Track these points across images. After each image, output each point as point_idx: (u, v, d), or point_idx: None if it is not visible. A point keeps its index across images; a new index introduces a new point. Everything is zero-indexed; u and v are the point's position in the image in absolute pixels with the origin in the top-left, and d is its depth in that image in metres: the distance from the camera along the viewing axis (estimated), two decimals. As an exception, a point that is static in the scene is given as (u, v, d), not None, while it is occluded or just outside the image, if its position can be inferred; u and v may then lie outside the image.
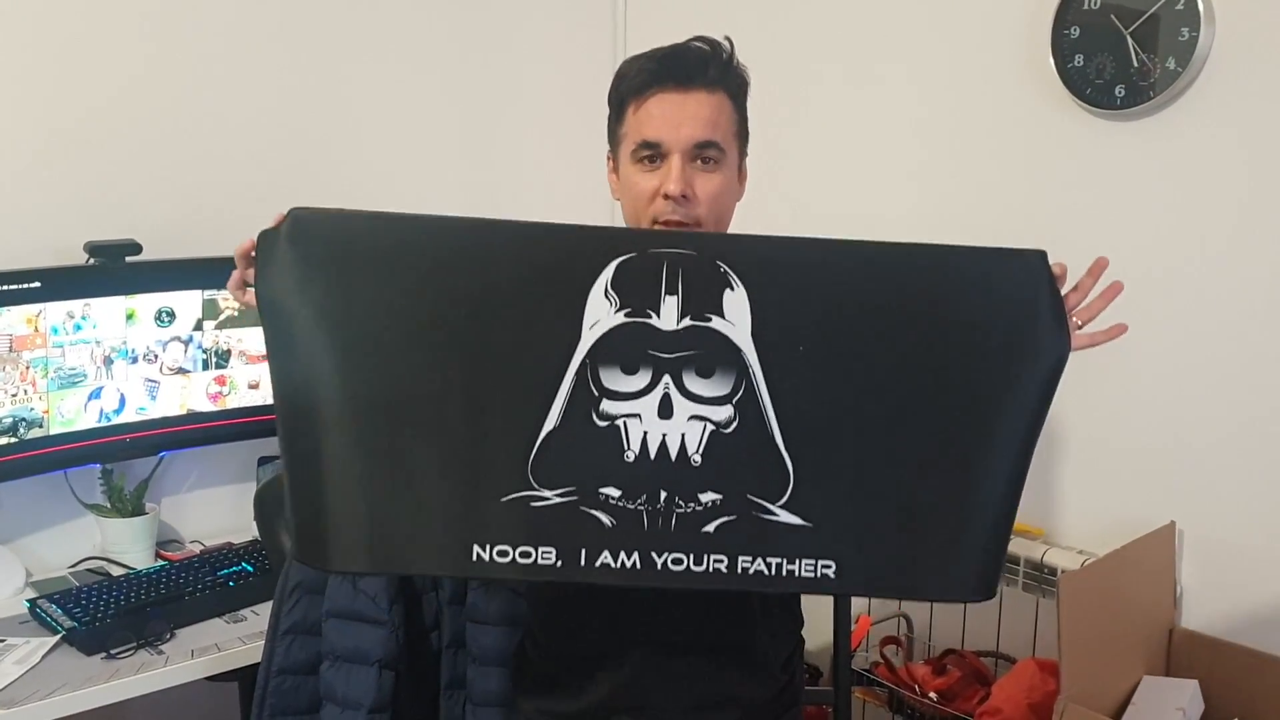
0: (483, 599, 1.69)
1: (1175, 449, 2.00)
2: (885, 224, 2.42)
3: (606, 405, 1.18)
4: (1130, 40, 1.96)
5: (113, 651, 1.81)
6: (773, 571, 1.20)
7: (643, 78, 1.33)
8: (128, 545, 2.18)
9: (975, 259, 1.23)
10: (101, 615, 1.91)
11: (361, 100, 2.53)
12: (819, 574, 1.20)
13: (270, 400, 2.25)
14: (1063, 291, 1.24)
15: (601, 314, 1.17)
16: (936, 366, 1.21)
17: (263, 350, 2.22)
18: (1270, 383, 1.88)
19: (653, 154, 1.32)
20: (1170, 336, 1.96)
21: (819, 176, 2.54)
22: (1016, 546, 2.06)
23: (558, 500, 1.18)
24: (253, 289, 1.22)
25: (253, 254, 1.22)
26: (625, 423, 1.18)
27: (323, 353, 1.17)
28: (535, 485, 1.18)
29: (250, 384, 2.26)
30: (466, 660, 1.70)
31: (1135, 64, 1.96)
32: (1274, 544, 1.90)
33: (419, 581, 1.74)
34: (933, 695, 2.08)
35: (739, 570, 1.19)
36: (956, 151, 2.30)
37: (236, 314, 2.21)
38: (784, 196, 2.53)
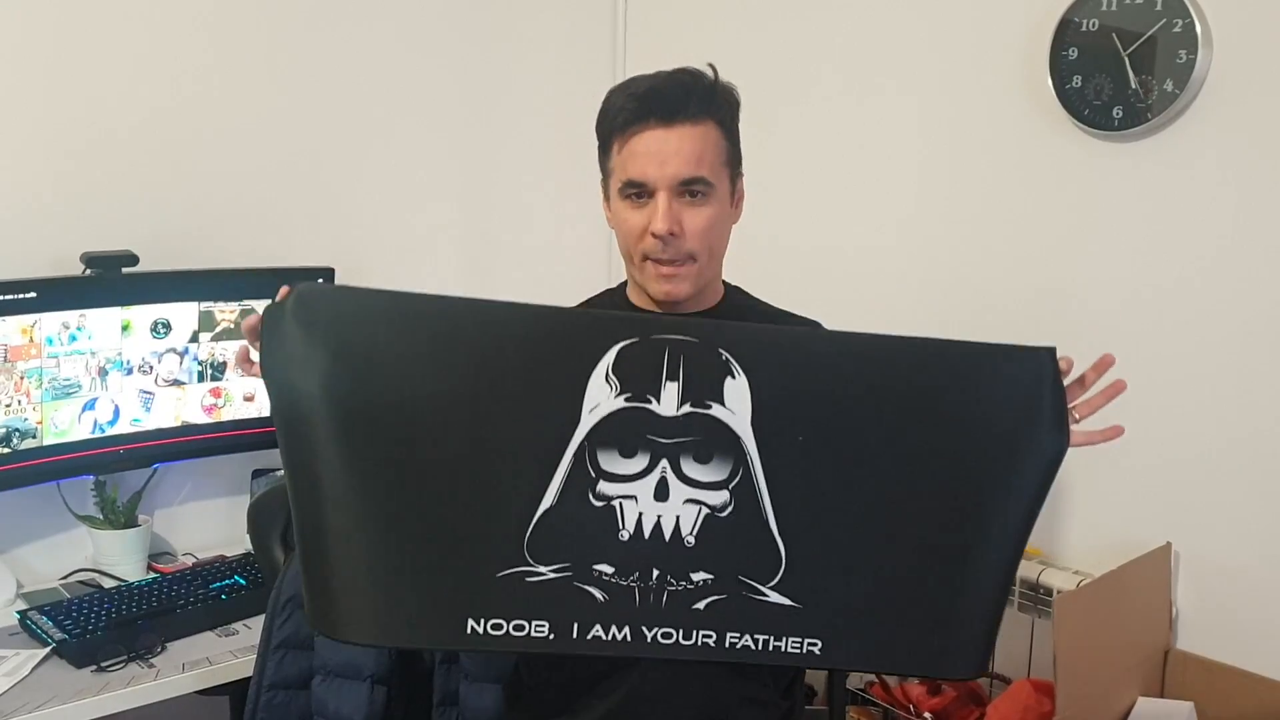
0: (476, 615, 1.68)
1: (1171, 470, 2.00)
2: (881, 244, 2.43)
3: (603, 486, 1.19)
4: (1128, 62, 1.97)
5: (103, 664, 1.80)
6: (759, 646, 1.22)
7: (625, 115, 1.33)
8: (120, 557, 2.17)
9: (982, 355, 1.24)
10: (92, 627, 1.90)
11: (359, 111, 2.54)
12: (805, 650, 1.23)
13: (265, 413, 2.25)
14: (1066, 383, 1.24)
15: (601, 398, 1.19)
16: (934, 459, 1.23)
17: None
18: (1266, 404, 1.88)
19: (639, 191, 1.33)
20: (1166, 357, 1.96)
21: (815, 195, 2.54)
22: (1012, 566, 2.05)
23: (553, 576, 1.20)
24: (259, 363, 1.22)
25: (259, 329, 1.22)
26: (621, 503, 1.20)
27: (326, 428, 1.18)
28: (531, 562, 1.19)
29: (245, 397, 2.25)
30: (459, 677, 1.70)
31: (1133, 86, 1.97)
32: (1269, 566, 1.89)
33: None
34: (927, 715, 2.07)
35: (726, 645, 1.21)
36: (953, 171, 2.30)
37: (232, 326, 2.20)
38: (777, 216, 2.53)
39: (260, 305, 2.21)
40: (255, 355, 1.22)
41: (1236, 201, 1.89)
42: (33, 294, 1.95)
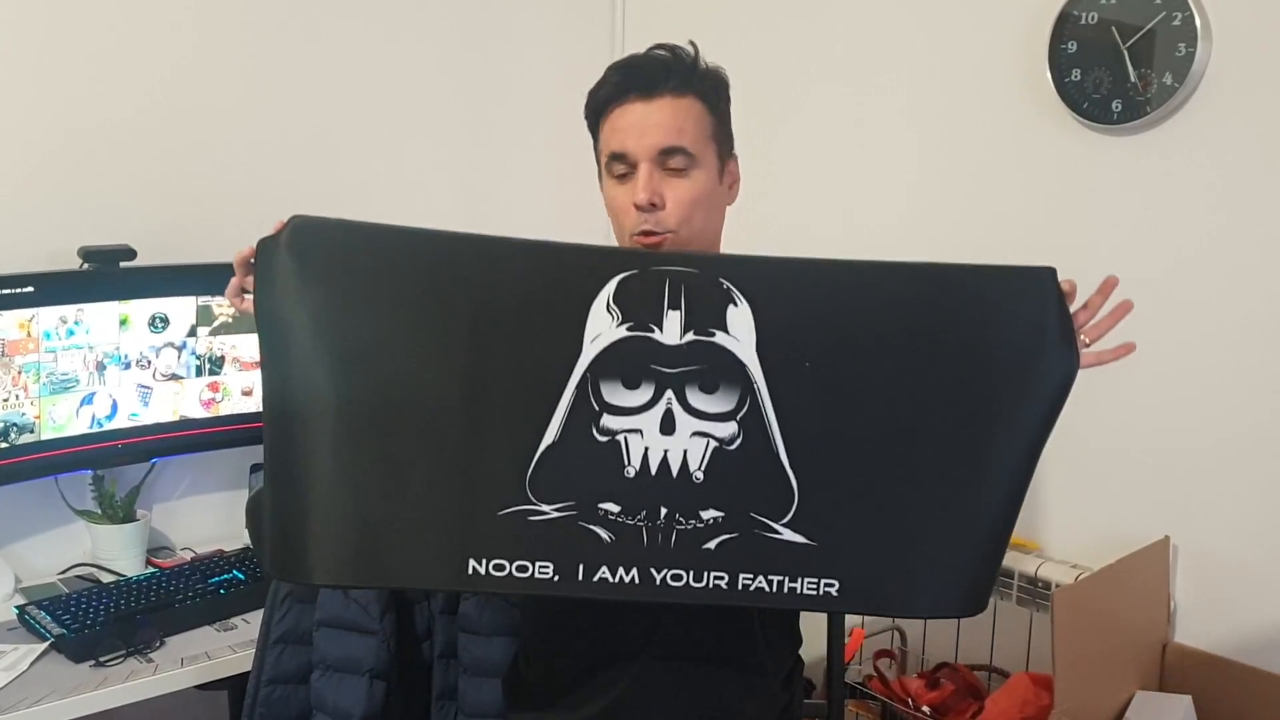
0: (475, 609, 1.68)
1: (1170, 463, 2.00)
2: (882, 237, 2.42)
3: (607, 420, 1.17)
4: (1127, 55, 1.97)
5: (102, 659, 1.80)
6: (774, 589, 1.19)
7: (607, 90, 1.33)
8: (118, 552, 2.17)
9: (983, 277, 1.23)
10: (91, 622, 1.89)
11: (358, 103, 2.53)
12: (821, 592, 1.20)
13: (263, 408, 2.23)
14: (1071, 309, 1.23)
15: (603, 328, 1.16)
16: (943, 384, 1.21)
17: (257, 357, 2.23)
18: (1264, 397, 1.88)
19: (624, 166, 1.32)
20: (1165, 350, 1.96)
21: (815, 189, 2.54)
22: (1011, 560, 2.06)
23: (556, 515, 1.17)
24: (251, 296, 1.21)
25: (252, 261, 1.21)
26: (626, 438, 1.17)
27: (319, 362, 1.15)
28: (533, 500, 1.17)
29: (244, 391, 2.25)
30: (458, 671, 1.70)
31: (1132, 79, 1.97)
32: (1268, 559, 1.90)
33: (411, 591, 1.74)
34: (926, 709, 2.07)
35: (739, 587, 1.19)
36: (953, 165, 2.30)
37: (230, 320, 2.20)
38: (778, 208, 2.53)
39: (258, 299, 2.22)
40: (248, 289, 1.21)
41: (1235, 194, 1.89)
42: (30, 288, 1.94)
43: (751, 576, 1.18)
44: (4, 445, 1.95)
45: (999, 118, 2.21)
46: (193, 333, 2.17)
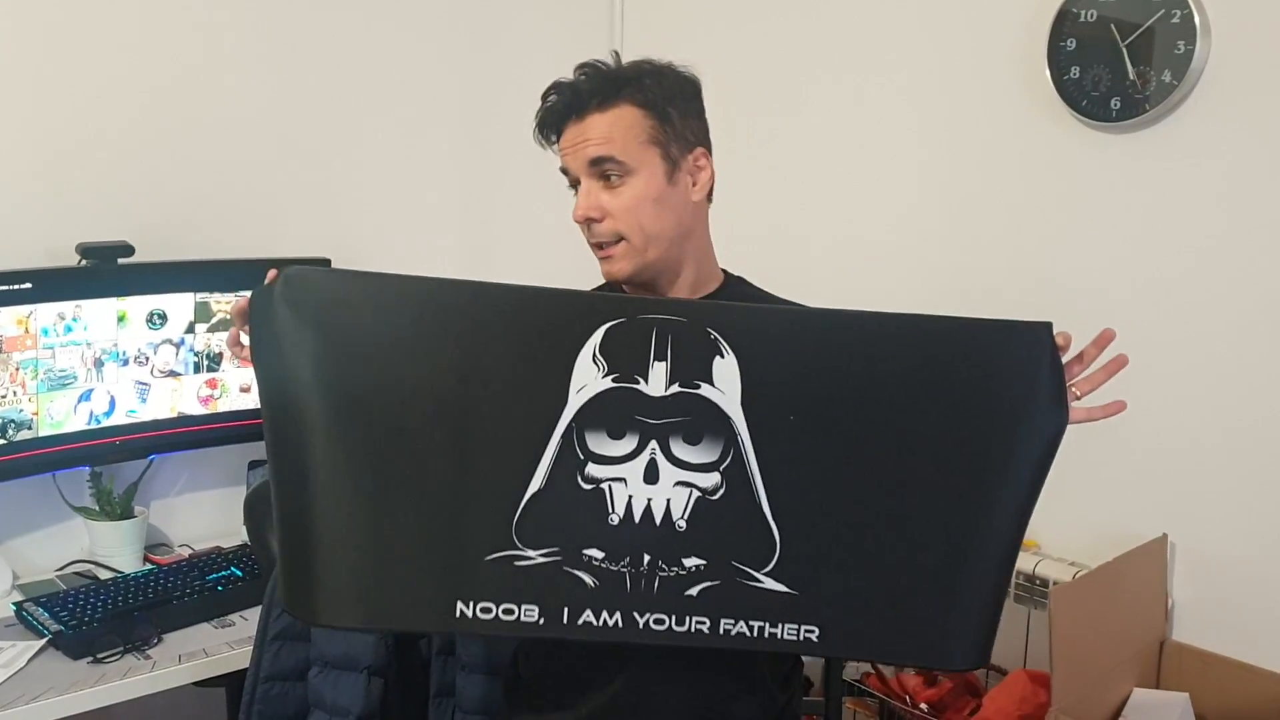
0: (473, 606, 1.68)
1: (1167, 462, 2.00)
2: (880, 235, 2.42)
3: (592, 469, 1.19)
4: (1126, 53, 1.97)
5: (99, 656, 1.79)
6: (754, 634, 1.21)
7: (548, 123, 1.39)
8: (116, 548, 2.17)
9: (976, 330, 1.22)
10: (89, 619, 1.89)
11: (355, 102, 2.53)
12: (801, 637, 1.21)
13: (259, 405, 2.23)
14: (1065, 359, 1.23)
15: (589, 379, 1.18)
16: (931, 438, 1.21)
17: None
18: (1263, 395, 1.89)
19: (572, 184, 1.37)
20: (1163, 348, 1.96)
21: (814, 187, 2.54)
22: (1008, 558, 2.05)
23: (542, 560, 1.19)
24: (248, 346, 1.23)
25: (247, 312, 1.22)
26: (610, 486, 1.19)
27: (314, 411, 1.18)
28: (519, 545, 1.19)
29: (241, 388, 2.25)
30: (456, 668, 1.70)
31: (1131, 77, 1.97)
32: (1265, 557, 1.90)
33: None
34: (923, 706, 2.07)
35: (720, 631, 1.20)
36: (952, 162, 2.30)
37: (228, 317, 2.20)
38: (777, 208, 2.53)
39: (256, 296, 2.21)
40: (245, 339, 1.23)
41: (1233, 192, 1.89)
42: (28, 285, 1.94)
43: (733, 622, 1.20)
44: (2, 442, 1.95)
45: (998, 115, 2.21)
46: (190, 329, 2.16)
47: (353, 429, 1.19)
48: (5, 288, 1.91)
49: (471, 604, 1.19)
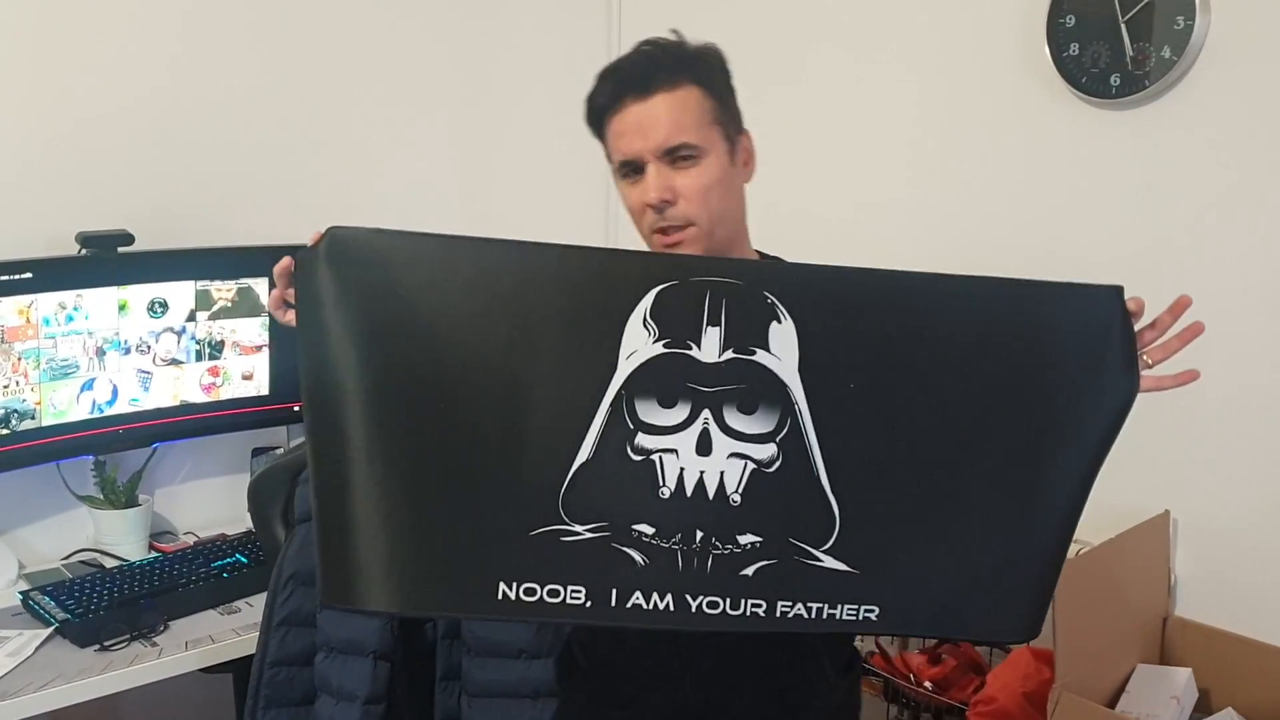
0: (478, 590, 1.68)
1: (1170, 438, 2.00)
2: (881, 212, 2.42)
3: (642, 439, 1.13)
4: (1126, 29, 1.96)
5: (106, 643, 1.80)
6: (812, 615, 1.16)
7: (603, 98, 1.30)
8: (121, 537, 2.18)
9: (1046, 293, 1.17)
10: (95, 607, 1.90)
11: (354, 91, 2.52)
12: (860, 617, 1.16)
13: (263, 392, 2.25)
14: (1137, 328, 1.19)
15: (639, 344, 1.13)
16: (997, 405, 1.16)
17: (255, 342, 2.23)
18: (1265, 372, 1.88)
19: (632, 168, 1.29)
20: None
21: (812, 165, 2.53)
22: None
23: (589, 535, 1.14)
24: (293, 307, 1.19)
25: (293, 272, 1.19)
26: (661, 458, 1.14)
27: (356, 376, 1.13)
28: (566, 519, 1.14)
29: (244, 375, 2.25)
30: (462, 651, 1.70)
31: (1130, 53, 1.96)
32: (1268, 533, 1.90)
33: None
34: (928, 684, 2.08)
35: (777, 614, 1.15)
36: (951, 140, 2.29)
37: (230, 305, 2.20)
38: (776, 186, 2.52)
39: (256, 284, 2.22)
40: (290, 299, 1.19)
41: (1233, 167, 1.89)
42: (29, 274, 1.94)
43: (790, 604, 1.15)
44: (5, 432, 1.96)
45: (997, 93, 2.20)
46: (192, 317, 2.17)
47: (397, 393, 1.14)
48: (6, 277, 1.91)
49: (515, 585, 1.14)
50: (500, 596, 1.14)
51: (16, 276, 1.93)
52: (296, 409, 2.32)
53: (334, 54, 2.48)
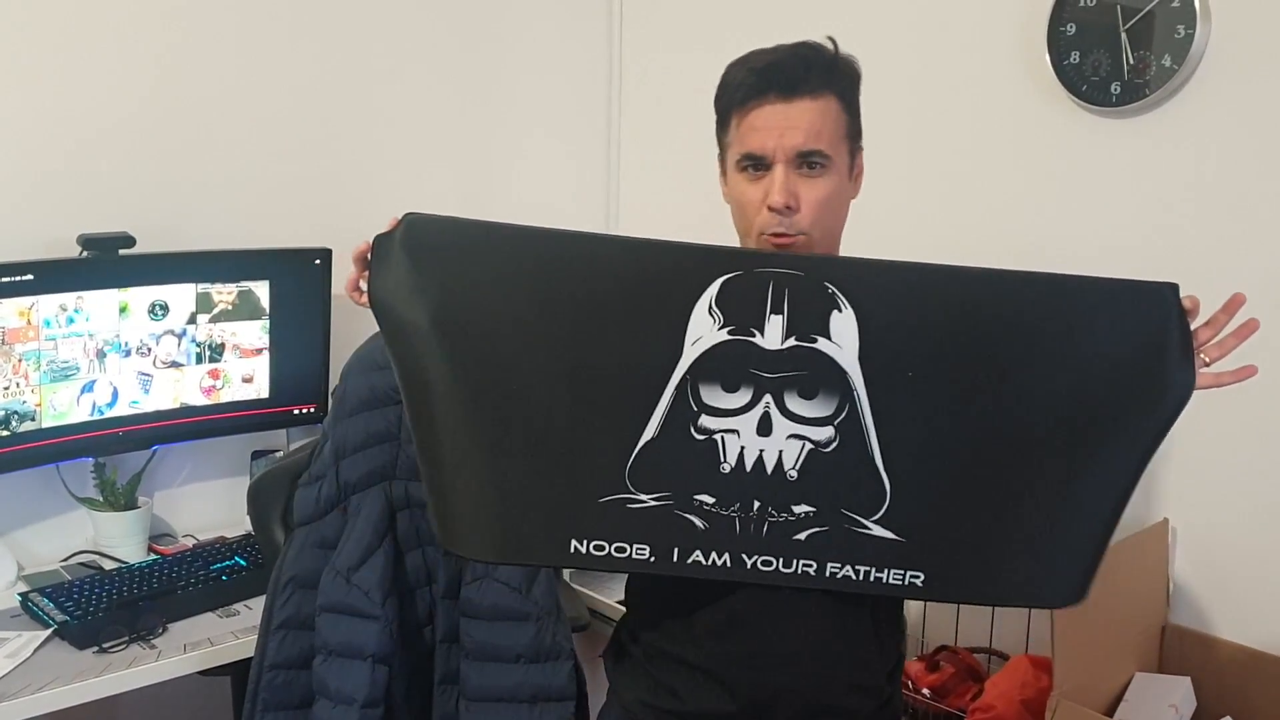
0: (476, 593, 1.69)
1: (1169, 445, 1.97)
2: (881, 220, 2.42)
3: (705, 420, 1.19)
4: (1126, 37, 1.96)
5: (105, 645, 1.80)
6: (859, 577, 1.22)
7: (745, 90, 1.30)
8: (120, 539, 2.18)
9: (1101, 290, 1.19)
10: (93, 609, 1.90)
11: (356, 92, 2.53)
12: (906, 582, 1.22)
13: (263, 395, 2.25)
14: (1193, 326, 1.21)
15: (704, 331, 1.17)
16: (1053, 399, 1.19)
17: (255, 345, 2.24)
18: (1264, 380, 1.88)
19: (757, 164, 1.29)
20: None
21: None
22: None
23: (654, 504, 1.21)
24: (367, 291, 1.24)
25: (368, 256, 1.24)
26: (723, 438, 1.19)
27: (436, 356, 1.19)
28: (632, 489, 1.21)
29: (244, 378, 2.25)
30: (460, 655, 1.71)
31: (1131, 61, 1.96)
32: (1266, 540, 1.90)
33: (412, 576, 1.74)
34: (926, 692, 2.08)
35: (826, 574, 1.21)
36: (952, 148, 2.29)
37: (230, 308, 2.20)
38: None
39: (257, 286, 2.22)
40: (364, 284, 1.24)
41: (1234, 176, 1.89)
42: (29, 276, 1.95)
43: (839, 565, 1.21)
44: (5, 433, 1.96)
45: (998, 100, 2.20)
46: (192, 320, 2.17)
47: (472, 376, 1.20)
48: (7, 279, 1.92)
49: (585, 542, 1.22)
50: (572, 550, 1.22)
51: (17, 278, 1.93)
52: (296, 412, 2.34)
53: (336, 58, 2.49)
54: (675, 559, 1.22)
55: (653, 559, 1.22)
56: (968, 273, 1.20)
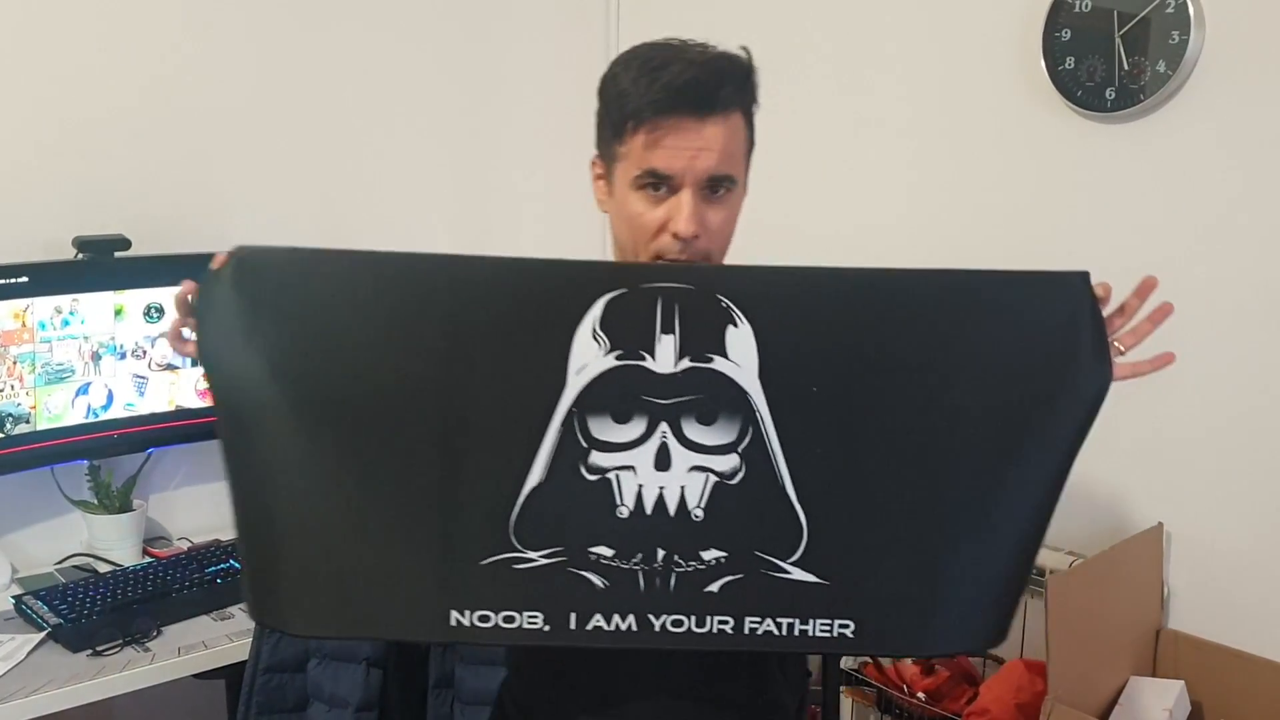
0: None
1: (1163, 451, 2.00)
2: (876, 228, 2.43)
3: (596, 457, 1.08)
4: (1121, 43, 1.97)
5: (99, 648, 1.80)
6: (783, 632, 1.11)
7: (653, 104, 1.15)
8: (115, 542, 2.17)
9: (1008, 284, 1.13)
10: (88, 612, 1.90)
11: (352, 95, 2.53)
12: (835, 634, 1.11)
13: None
14: (1105, 314, 1.14)
15: (589, 357, 1.07)
16: (965, 403, 1.11)
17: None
18: (1258, 384, 1.89)
19: (661, 185, 1.17)
20: (1158, 337, 1.96)
21: (809, 180, 2.54)
22: (1005, 547, 2.06)
23: (544, 562, 1.08)
24: (194, 340, 1.10)
25: (192, 300, 1.10)
26: (618, 476, 1.08)
27: (276, 409, 1.07)
28: (519, 547, 1.08)
29: (239, 381, 2.25)
30: (455, 659, 1.70)
31: (1126, 67, 1.97)
32: (1260, 545, 1.90)
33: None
34: (921, 695, 2.08)
35: (745, 631, 1.10)
36: (948, 154, 2.30)
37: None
38: (772, 202, 2.52)
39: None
40: (189, 332, 1.10)
41: (1229, 181, 1.89)
42: (24, 278, 1.94)
43: (759, 620, 1.10)
44: (0, 435, 1.96)
45: (993, 106, 2.21)
46: (188, 323, 2.16)
47: (325, 426, 1.07)
48: (2, 281, 1.92)
49: (468, 613, 1.09)
50: (454, 624, 1.09)
51: (12, 280, 1.93)
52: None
53: (332, 60, 2.49)
54: (573, 625, 1.09)
55: (547, 628, 1.09)
56: (868, 274, 1.12)
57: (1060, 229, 2.11)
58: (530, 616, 1.09)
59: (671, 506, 1.09)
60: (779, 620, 1.10)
